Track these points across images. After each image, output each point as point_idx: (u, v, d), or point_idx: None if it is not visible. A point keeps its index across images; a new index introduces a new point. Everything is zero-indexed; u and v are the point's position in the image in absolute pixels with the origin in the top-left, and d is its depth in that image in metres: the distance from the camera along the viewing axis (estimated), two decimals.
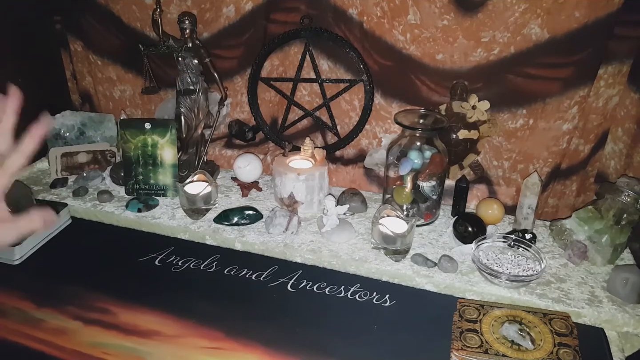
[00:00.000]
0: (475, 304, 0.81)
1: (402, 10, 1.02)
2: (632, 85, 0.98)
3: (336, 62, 1.14)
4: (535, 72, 1.00)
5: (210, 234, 1.01)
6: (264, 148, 1.28)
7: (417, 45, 1.04)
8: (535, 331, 0.75)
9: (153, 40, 1.19)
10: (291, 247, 0.97)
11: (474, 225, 0.96)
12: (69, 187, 1.16)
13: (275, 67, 1.19)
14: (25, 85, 1.42)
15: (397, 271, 0.90)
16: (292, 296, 0.87)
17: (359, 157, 1.21)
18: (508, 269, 0.88)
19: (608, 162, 1.07)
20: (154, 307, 0.83)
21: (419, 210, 1.02)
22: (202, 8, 1.17)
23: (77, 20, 1.30)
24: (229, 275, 0.92)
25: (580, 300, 0.84)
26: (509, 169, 1.10)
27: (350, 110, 1.17)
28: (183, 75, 1.11)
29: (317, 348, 0.76)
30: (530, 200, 0.97)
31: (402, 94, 1.11)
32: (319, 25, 1.10)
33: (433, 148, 0.98)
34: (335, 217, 0.98)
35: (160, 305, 0.84)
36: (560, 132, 1.03)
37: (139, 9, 1.21)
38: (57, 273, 0.93)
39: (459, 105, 1.04)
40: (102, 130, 1.27)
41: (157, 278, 0.92)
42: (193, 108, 1.13)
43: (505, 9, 0.96)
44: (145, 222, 1.05)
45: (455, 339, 0.74)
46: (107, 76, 1.34)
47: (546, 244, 0.99)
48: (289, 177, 1.05)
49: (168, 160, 1.11)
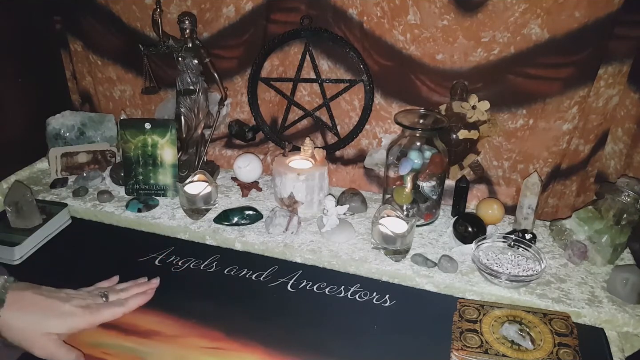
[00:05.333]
0: (475, 304, 0.81)
1: (402, 10, 1.02)
2: (632, 85, 0.98)
3: (336, 62, 1.14)
4: (535, 72, 1.00)
5: (210, 234, 1.01)
6: (264, 148, 1.28)
7: (417, 45, 1.04)
8: (535, 331, 0.75)
9: (153, 40, 1.19)
10: (291, 247, 0.97)
11: (474, 225, 0.96)
12: (69, 187, 1.16)
13: (275, 67, 1.19)
14: (25, 85, 1.43)
15: (397, 271, 0.90)
16: (292, 296, 0.87)
17: (359, 157, 1.21)
18: (508, 269, 0.88)
19: (608, 162, 1.07)
20: (154, 307, 0.83)
21: (419, 210, 1.02)
22: (202, 8, 1.17)
23: (77, 20, 1.30)
24: (229, 275, 0.92)
25: (580, 300, 0.84)
26: (509, 169, 1.10)
27: (350, 110, 1.17)
28: (183, 75, 1.11)
29: (317, 348, 0.76)
30: (530, 200, 0.97)
31: (402, 94, 1.11)
32: (319, 25, 1.10)
33: (433, 148, 0.98)
34: (335, 217, 0.98)
35: (160, 305, 0.84)
36: (560, 132, 1.03)
37: (139, 9, 1.21)
38: (57, 273, 0.93)
39: (459, 105, 1.04)
40: (102, 130, 1.27)
41: (157, 278, 0.91)
42: (193, 108, 1.13)
43: (505, 9, 0.96)
44: (145, 222, 1.05)
45: (455, 339, 0.74)
46: (107, 76, 1.34)
47: (546, 244, 0.99)
48: (289, 177, 1.05)
49: (168, 160, 1.11)
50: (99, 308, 0.76)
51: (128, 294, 0.82)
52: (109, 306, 0.78)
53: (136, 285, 0.85)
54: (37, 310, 0.71)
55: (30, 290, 0.74)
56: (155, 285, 0.86)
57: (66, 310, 0.73)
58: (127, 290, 0.83)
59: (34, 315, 0.71)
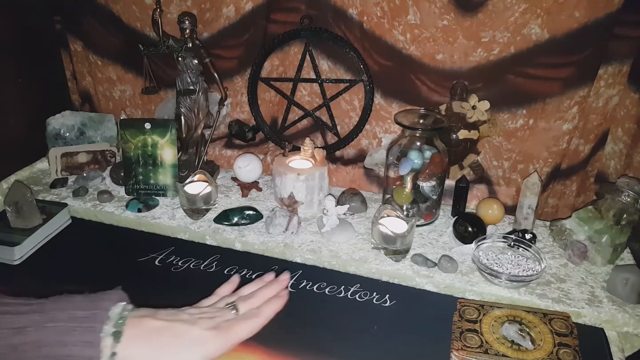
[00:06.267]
0: (475, 304, 0.81)
1: (402, 10, 1.02)
2: (632, 85, 0.98)
3: (336, 62, 1.14)
4: (535, 72, 1.00)
5: (210, 234, 1.01)
6: (264, 148, 1.28)
7: (417, 45, 1.04)
8: (535, 331, 0.75)
9: (153, 40, 1.19)
10: (291, 247, 0.97)
11: (474, 225, 0.96)
12: (69, 187, 1.16)
13: (275, 67, 1.19)
14: (25, 85, 1.43)
15: (397, 271, 0.90)
16: (292, 296, 0.86)
17: (359, 157, 1.21)
18: (508, 269, 0.88)
19: (608, 162, 1.07)
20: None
21: (419, 210, 1.02)
22: (202, 8, 1.17)
23: (77, 20, 1.30)
24: (229, 275, 0.92)
25: (580, 300, 0.84)
26: (509, 169, 1.10)
27: (350, 110, 1.17)
28: (183, 75, 1.11)
29: (317, 348, 0.76)
30: (530, 200, 0.97)
31: (402, 94, 1.11)
32: (319, 25, 1.10)
33: (433, 148, 0.98)
34: (335, 217, 0.98)
35: (161, 305, 0.83)
36: (560, 132, 1.03)
37: (139, 9, 1.21)
38: (57, 273, 0.93)
39: (459, 105, 1.04)
40: (102, 130, 1.27)
41: (157, 278, 0.91)
42: (193, 108, 1.13)
43: (505, 9, 0.96)
44: (145, 222, 1.05)
45: (455, 339, 0.74)
46: (107, 76, 1.34)
47: (546, 244, 0.99)
48: (289, 177, 1.05)
49: (168, 160, 1.11)
50: (231, 326, 0.60)
51: (259, 300, 0.67)
52: (242, 321, 0.62)
53: (265, 287, 0.70)
54: (162, 341, 0.55)
55: (148, 316, 0.57)
56: (285, 282, 0.72)
57: (196, 336, 0.57)
58: (257, 295, 0.67)
59: (160, 349, 0.54)
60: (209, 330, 0.58)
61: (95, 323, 0.51)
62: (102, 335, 0.51)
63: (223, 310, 0.63)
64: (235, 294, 0.68)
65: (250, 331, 0.62)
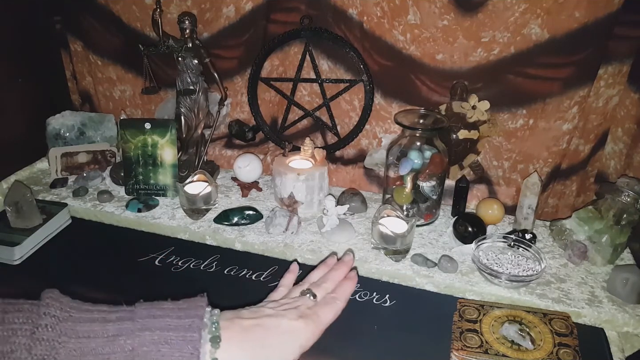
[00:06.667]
0: (475, 304, 0.81)
1: (402, 10, 1.02)
2: (632, 85, 0.98)
3: (336, 62, 1.14)
4: (535, 72, 1.00)
5: (210, 234, 1.01)
6: (264, 148, 1.28)
7: (417, 45, 1.04)
8: (535, 331, 0.75)
9: (153, 40, 1.19)
10: (291, 247, 0.97)
11: (474, 225, 0.96)
12: (69, 187, 1.16)
13: (275, 67, 1.19)
14: (25, 85, 1.43)
15: (397, 271, 0.90)
16: None
17: (359, 157, 1.21)
18: (508, 269, 0.88)
19: (608, 162, 1.07)
20: None
21: (419, 210, 1.02)
22: (202, 8, 1.17)
23: (77, 20, 1.30)
24: (229, 275, 0.92)
25: (580, 300, 0.84)
26: (509, 169, 1.10)
27: (350, 110, 1.17)
28: (183, 75, 1.11)
29: (317, 348, 0.76)
30: (530, 200, 0.97)
31: (402, 94, 1.11)
32: (319, 25, 1.10)
33: (433, 148, 0.98)
34: (335, 217, 0.98)
35: None
36: (560, 132, 1.03)
37: (139, 9, 1.21)
38: (57, 273, 0.93)
39: (459, 105, 1.04)
40: (102, 130, 1.27)
41: (157, 278, 0.92)
42: (193, 108, 1.13)
43: (505, 9, 0.96)
44: (145, 222, 1.05)
45: (455, 339, 0.74)
46: (107, 76, 1.34)
47: (546, 244, 0.99)
48: (289, 177, 1.05)
49: (168, 160, 1.11)
50: (316, 312, 0.61)
51: (332, 284, 0.67)
52: (324, 305, 0.63)
53: (333, 271, 0.69)
54: (258, 340, 0.54)
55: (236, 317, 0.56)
56: (351, 262, 0.71)
57: (287, 328, 0.57)
58: (328, 280, 0.67)
59: (258, 347, 0.54)
60: (297, 320, 0.58)
61: (194, 332, 0.49)
62: (203, 342, 0.49)
63: (302, 298, 0.63)
64: (304, 282, 0.68)
65: (334, 314, 0.63)
